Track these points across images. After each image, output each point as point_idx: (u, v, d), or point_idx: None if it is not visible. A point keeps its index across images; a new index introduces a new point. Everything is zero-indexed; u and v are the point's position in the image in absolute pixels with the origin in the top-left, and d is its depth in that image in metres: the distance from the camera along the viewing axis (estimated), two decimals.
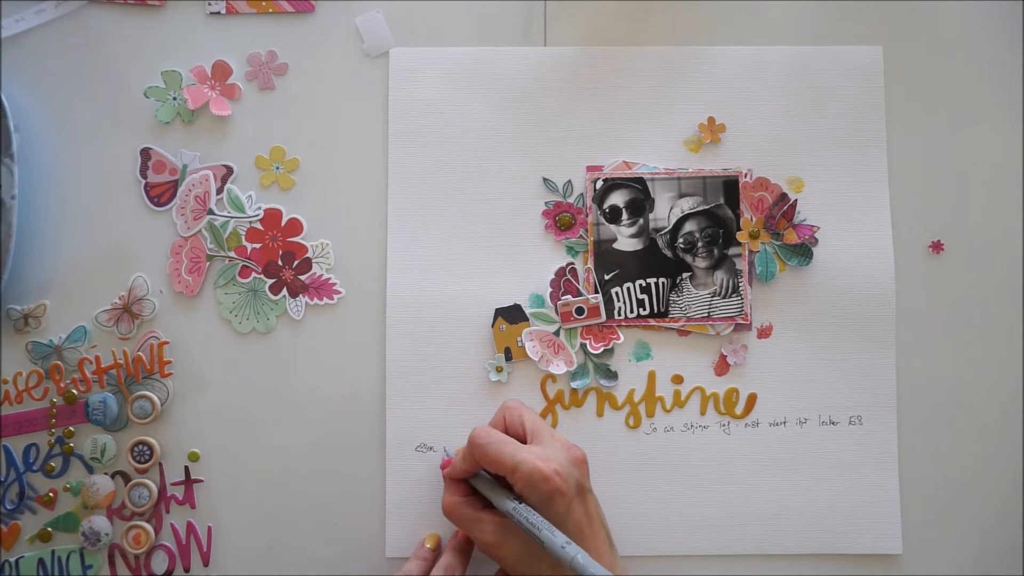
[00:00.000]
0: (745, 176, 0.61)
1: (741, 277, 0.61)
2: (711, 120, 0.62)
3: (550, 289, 0.61)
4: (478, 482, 0.55)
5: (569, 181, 0.62)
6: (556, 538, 0.49)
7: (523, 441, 0.54)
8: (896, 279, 0.61)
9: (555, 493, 0.51)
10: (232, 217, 0.61)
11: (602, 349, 0.60)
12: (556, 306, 0.61)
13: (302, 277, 0.61)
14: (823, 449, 0.60)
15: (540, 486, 0.51)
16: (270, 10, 0.63)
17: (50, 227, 0.61)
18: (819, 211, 0.61)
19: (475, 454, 0.53)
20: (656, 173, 0.61)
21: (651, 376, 0.61)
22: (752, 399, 0.61)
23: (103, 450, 0.60)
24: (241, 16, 0.63)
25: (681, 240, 0.61)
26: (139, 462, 0.60)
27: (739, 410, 0.61)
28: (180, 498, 0.60)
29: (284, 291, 0.61)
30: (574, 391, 0.61)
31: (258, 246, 0.61)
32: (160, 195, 0.62)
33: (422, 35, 0.63)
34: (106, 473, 0.60)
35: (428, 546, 0.58)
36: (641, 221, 0.61)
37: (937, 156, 0.62)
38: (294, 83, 0.63)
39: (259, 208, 0.61)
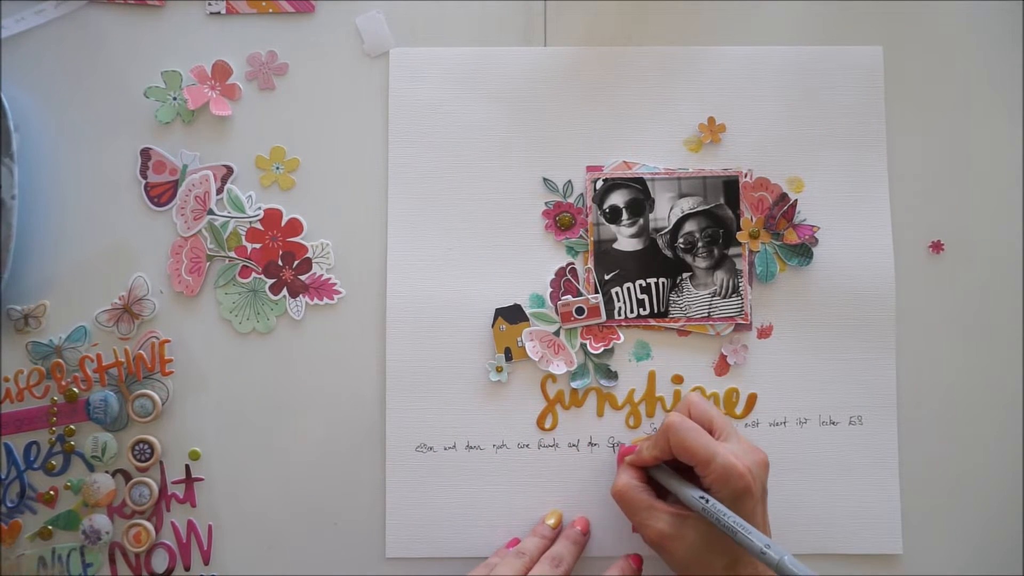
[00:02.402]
0: (745, 176, 0.61)
1: (741, 277, 0.61)
2: (711, 120, 0.62)
3: (550, 289, 0.61)
4: (659, 472, 0.55)
5: (569, 181, 0.62)
6: (757, 539, 0.49)
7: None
8: (896, 279, 0.61)
9: (746, 492, 0.50)
10: (232, 217, 0.61)
11: (602, 349, 0.60)
12: (556, 306, 0.61)
13: (302, 277, 0.61)
14: (823, 449, 0.60)
15: (734, 482, 0.50)
16: (270, 10, 0.63)
17: (50, 227, 0.61)
18: (819, 211, 0.61)
19: (671, 440, 0.52)
20: (656, 173, 0.61)
21: (651, 376, 0.61)
22: (752, 399, 0.61)
23: (104, 448, 0.60)
24: (241, 16, 0.63)
25: (681, 240, 0.61)
26: (140, 461, 0.60)
27: (739, 410, 0.61)
28: (181, 497, 0.60)
29: (284, 291, 0.61)
30: (574, 391, 0.61)
31: (258, 246, 0.61)
32: (160, 195, 0.62)
33: (422, 35, 0.63)
34: (107, 471, 0.60)
35: (549, 523, 0.58)
36: (641, 221, 0.61)
37: (937, 156, 0.62)
38: (294, 83, 0.63)
39: (259, 208, 0.62)
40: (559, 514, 0.59)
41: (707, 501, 0.51)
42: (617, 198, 0.61)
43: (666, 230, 0.61)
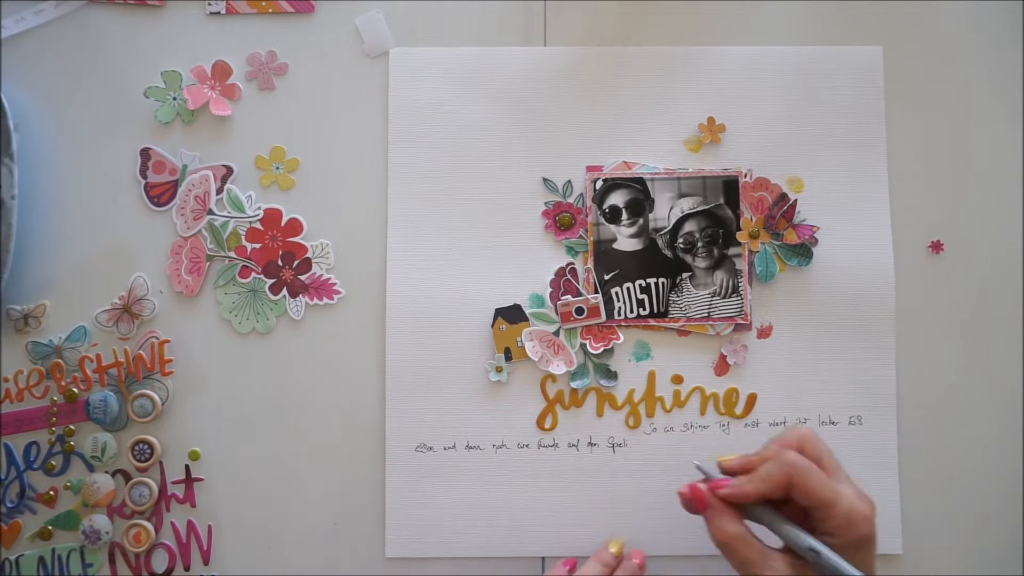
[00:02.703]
0: (745, 176, 0.61)
1: (741, 277, 0.61)
2: (711, 120, 0.62)
3: (550, 289, 0.61)
4: (763, 512, 0.49)
5: (569, 181, 0.62)
6: None
7: None
8: (896, 279, 0.61)
9: (868, 539, 0.46)
10: (232, 217, 0.61)
11: (602, 349, 0.60)
12: (556, 306, 0.61)
13: (302, 277, 0.61)
14: None
15: (860, 528, 0.46)
16: (270, 10, 0.63)
17: (50, 227, 0.61)
18: (819, 211, 0.61)
19: (794, 480, 0.47)
20: (656, 173, 0.61)
21: (651, 376, 0.61)
22: (752, 399, 0.61)
23: (104, 448, 0.60)
24: (241, 16, 0.63)
25: (681, 240, 0.61)
26: (139, 461, 0.60)
27: (739, 410, 0.61)
28: (180, 497, 0.60)
29: (284, 291, 0.61)
30: (574, 391, 0.61)
31: (258, 246, 0.61)
32: (160, 195, 0.62)
33: (422, 35, 0.63)
34: (107, 472, 0.60)
35: (612, 551, 0.56)
36: (641, 221, 0.61)
37: (937, 156, 0.62)
38: (294, 83, 0.63)
39: (259, 208, 0.62)
40: (621, 543, 0.57)
41: (818, 553, 0.47)
42: (617, 198, 0.61)
43: (666, 230, 0.61)
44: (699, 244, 0.61)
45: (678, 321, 0.61)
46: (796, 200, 0.61)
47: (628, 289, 0.61)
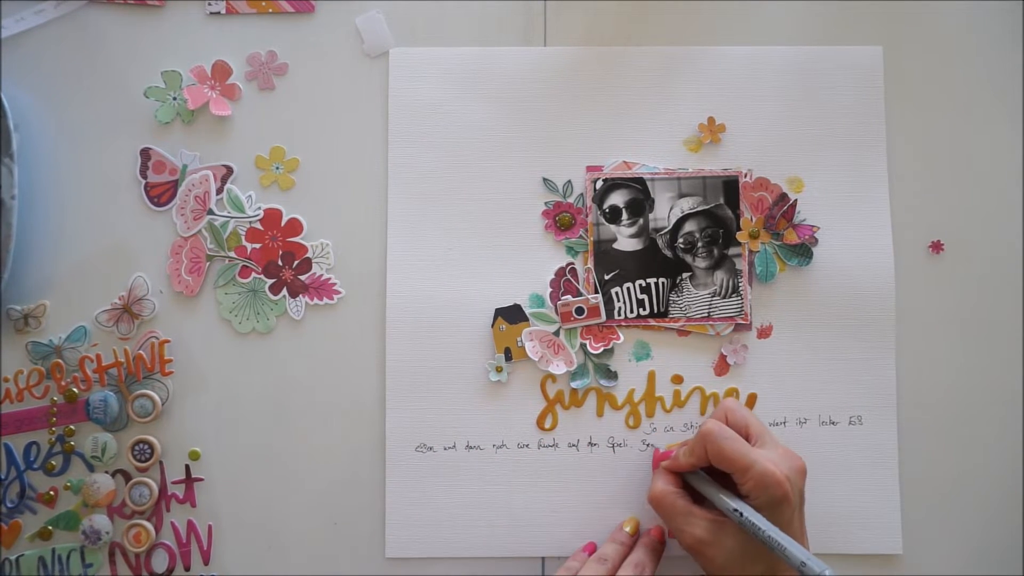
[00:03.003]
0: (745, 176, 0.61)
1: (741, 277, 0.61)
2: (711, 120, 0.62)
3: (550, 289, 0.61)
4: (695, 478, 0.55)
5: (569, 181, 0.62)
6: (796, 551, 0.48)
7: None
8: (896, 279, 0.61)
9: (784, 499, 0.50)
10: (232, 217, 0.61)
11: (602, 349, 0.60)
12: (556, 306, 0.61)
13: (302, 277, 0.61)
14: (823, 449, 0.60)
15: (772, 490, 0.50)
16: (270, 10, 0.63)
17: (50, 227, 0.61)
18: (819, 211, 0.61)
19: (708, 448, 0.52)
20: (656, 173, 0.61)
21: (651, 376, 0.61)
22: (752, 399, 0.61)
23: (104, 449, 0.60)
24: (241, 16, 0.63)
25: (681, 240, 0.61)
26: (140, 461, 0.60)
27: None
28: (180, 497, 0.60)
29: (284, 291, 0.61)
30: (574, 391, 0.61)
31: (258, 246, 0.61)
32: (160, 195, 0.62)
33: (422, 35, 0.63)
34: (107, 472, 0.60)
35: (627, 530, 0.58)
36: (641, 221, 0.61)
37: (937, 156, 0.62)
38: (294, 83, 0.63)
39: (259, 208, 0.62)
40: (636, 521, 0.59)
41: (741, 514, 0.51)
42: (617, 198, 0.61)
43: (666, 230, 0.61)
44: (699, 244, 0.61)
45: (678, 321, 0.61)
46: (796, 200, 0.61)
47: (628, 289, 0.61)
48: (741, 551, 0.51)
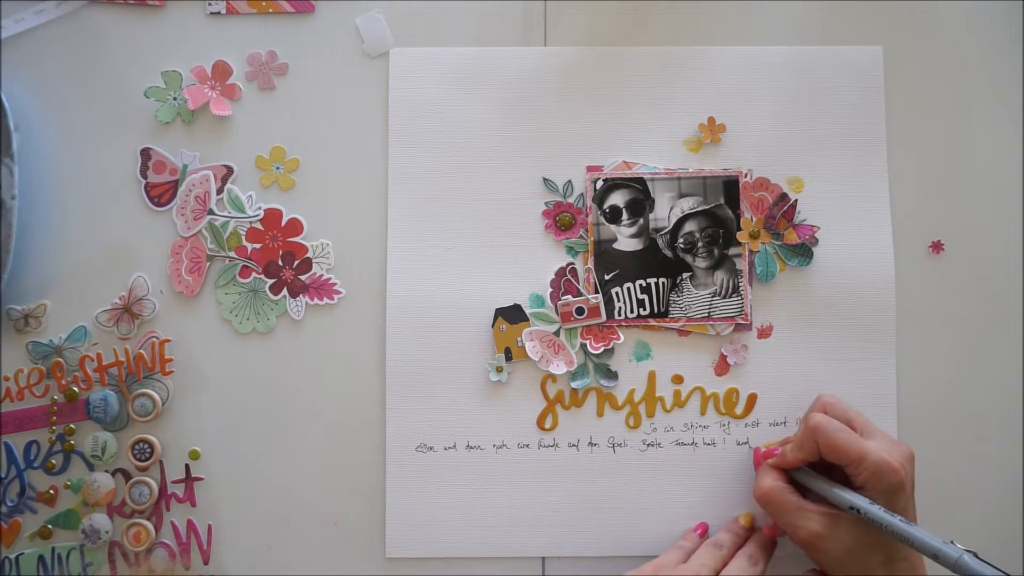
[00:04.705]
0: (745, 176, 0.61)
1: (741, 277, 0.61)
2: (711, 120, 0.62)
3: (550, 289, 0.61)
4: (803, 474, 0.55)
5: (569, 181, 0.62)
6: (927, 539, 0.47)
7: None
8: (896, 279, 0.61)
9: (899, 487, 0.50)
10: (232, 217, 0.61)
11: (602, 349, 0.60)
12: (556, 306, 0.61)
13: (302, 277, 0.61)
14: None
15: (888, 478, 0.50)
16: (270, 10, 0.63)
17: (50, 227, 0.61)
18: (819, 211, 0.61)
19: (820, 441, 0.52)
20: (656, 173, 0.61)
21: (651, 376, 0.61)
22: (752, 399, 0.61)
23: (104, 448, 0.60)
24: (241, 16, 0.63)
25: (681, 240, 0.61)
26: (140, 460, 0.60)
27: (739, 410, 0.61)
28: (180, 496, 0.60)
29: (284, 291, 0.61)
30: (574, 391, 0.61)
31: (258, 246, 0.61)
32: (160, 195, 0.62)
33: (422, 35, 0.63)
34: (107, 471, 0.60)
35: (742, 522, 0.58)
36: (641, 221, 0.61)
37: (937, 156, 0.62)
38: (294, 83, 0.63)
39: (259, 208, 0.62)
40: (751, 516, 0.59)
41: (859, 510, 0.50)
42: (617, 198, 0.61)
43: (666, 230, 0.61)
44: (699, 244, 0.61)
45: (678, 321, 0.61)
46: (796, 200, 0.61)
47: (628, 289, 0.61)
48: (858, 542, 0.51)
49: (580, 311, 0.60)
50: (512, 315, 0.61)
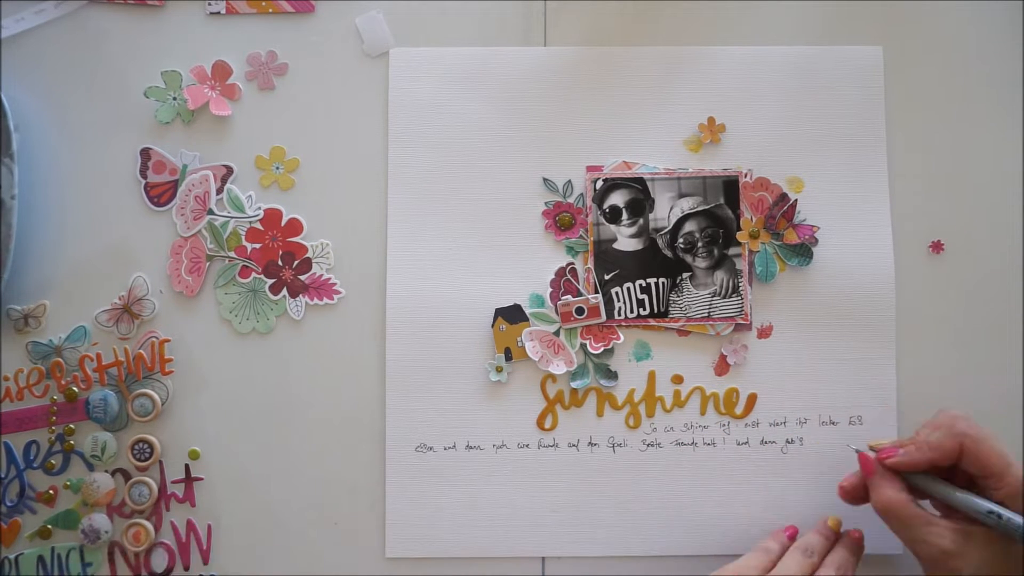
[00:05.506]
0: (745, 176, 0.61)
1: (741, 277, 0.61)
2: (711, 120, 0.62)
3: (550, 289, 0.61)
4: (929, 481, 0.51)
5: (569, 181, 0.62)
6: None
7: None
8: (896, 279, 0.61)
9: None
10: (232, 217, 0.61)
11: (602, 349, 0.60)
12: (556, 306, 0.61)
13: (302, 277, 0.61)
14: (823, 449, 0.60)
15: None
16: (270, 10, 0.63)
17: (50, 227, 0.61)
18: (819, 211, 0.61)
19: (967, 445, 0.49)
20: (656, 173, 0.61)
21: (651, 376, 0.61)
22: (752, 399, 0.61)
23: (103, 448, 0.60)
24: (241, 16, 0.63)
25: (681, 240, 0.61)
26: (139, 460, 0.60)
27: (739, 410, 0.61)
28: (180, 496, 0.60)
29: (284, 291, 0.61)
30: (574, 391, 0.61)
31: (258, 246, 0.61)
32: (160, 195, 0.62)
33: (422, 35, 0.63)
34: (106, 471, 0.60)
35: (830, 524, 0.56)
36: (641, 221, 0.61)
37: (937, 156, 0.62)
38: (294, 83, 0.63)
39: (259, 208, 0.62)
40: (839, 519, 0.56)
41: (999, 516, 0.48)
42: (617, 198, 0.61)
43: (666, 230, 0.61)
44: (699, 244, 0.61)
45: (678, 321, 0.61)
46: (796, 200, 0.61)
47: (628, 289, 0.61)
48: (992, 560, 0.48)
49: (580, 311, 0.60)
50: (512, 315, 0.61)
